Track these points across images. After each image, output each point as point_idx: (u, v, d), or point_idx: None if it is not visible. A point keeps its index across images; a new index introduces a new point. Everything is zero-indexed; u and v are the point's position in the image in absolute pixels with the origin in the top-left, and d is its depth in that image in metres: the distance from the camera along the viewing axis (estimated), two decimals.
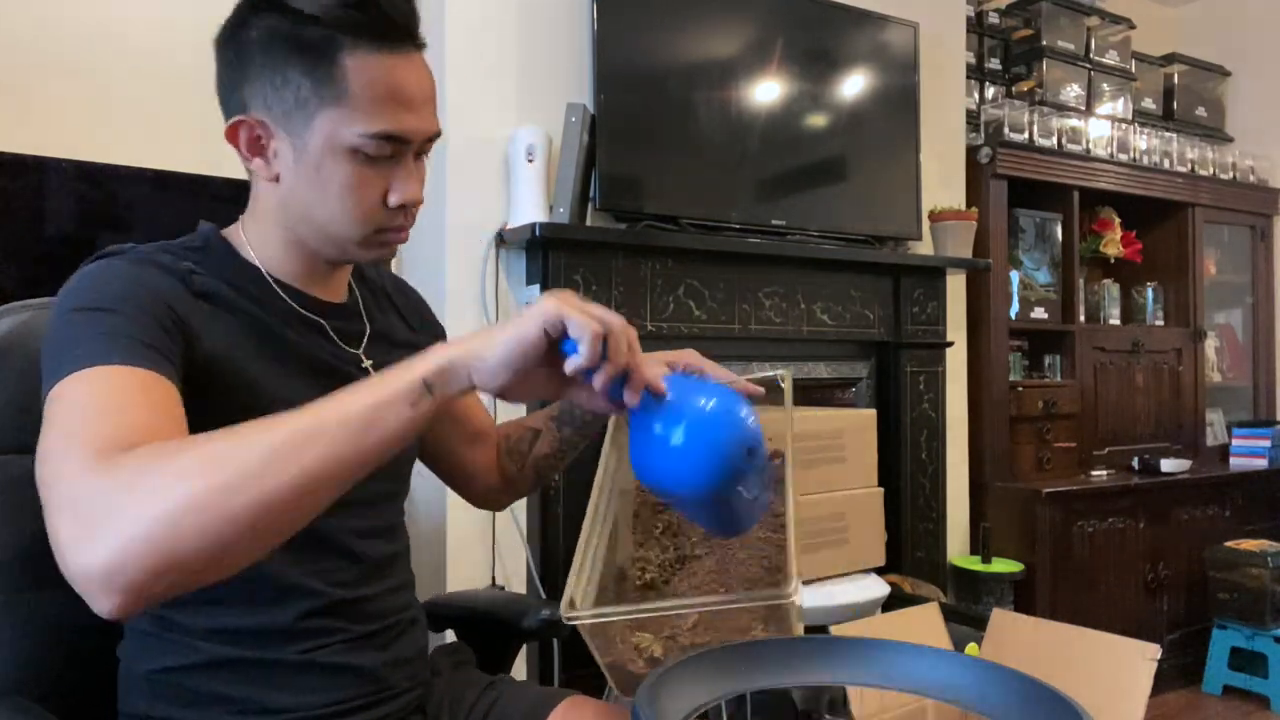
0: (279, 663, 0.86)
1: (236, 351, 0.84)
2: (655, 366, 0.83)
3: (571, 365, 0.71)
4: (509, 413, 2.08)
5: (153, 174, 1.82)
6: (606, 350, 0.71)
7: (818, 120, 2.44)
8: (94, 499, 0.62)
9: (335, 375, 0.88)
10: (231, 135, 0.86)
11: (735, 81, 2.28)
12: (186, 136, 1.99)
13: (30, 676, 0.92)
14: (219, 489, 0.61)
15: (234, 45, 0.85)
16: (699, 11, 2.23)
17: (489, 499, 1.19)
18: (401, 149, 0.85)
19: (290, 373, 0.88)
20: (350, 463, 0.66)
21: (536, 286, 2.02)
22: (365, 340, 0.97)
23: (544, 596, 1.99)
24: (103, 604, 0.61)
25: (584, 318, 0.70)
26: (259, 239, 0.90)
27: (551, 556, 1.99)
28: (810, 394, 2.52)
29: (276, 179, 0.86)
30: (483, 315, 2.01)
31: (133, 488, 0.61)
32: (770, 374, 1.00)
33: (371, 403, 0.67)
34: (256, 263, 0.90)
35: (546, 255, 2.00)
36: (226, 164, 1.98)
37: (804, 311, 2.42)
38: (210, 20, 0.89)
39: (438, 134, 0.89)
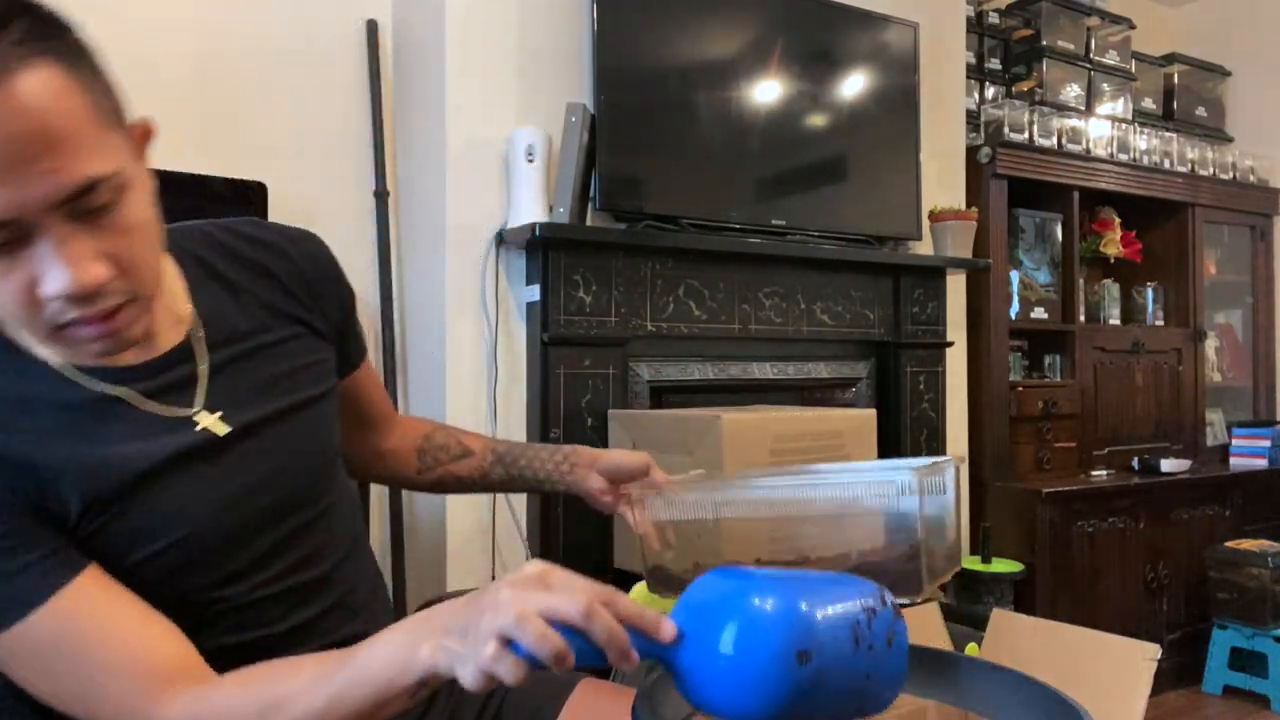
0: None
1: (61, 473, 0.71)
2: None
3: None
4: (495, 428, 2.08)
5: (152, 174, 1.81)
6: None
7: (818, 120, 2.44)
8: None
9: (149, 457, 0.75)
10: None
11: (735, 81, 2.28)
12: (186, 136, 2.00)
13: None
14: None
15: None
16: (699, 11, 2.23)
17: (366, 473, 1.13)
18: (14, 231, 0.63)
19: (113, 468, 0.73)
20: None
21: (536, 286, 2.02)
22: (205, 383, 0.81)
23: None
24: None
25: (540, 638, 0.58)
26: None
27: (551, 555, 1.99)
28: (810, 394, 2.52)
29: None
30: (483, 315, 2.01)
31: None
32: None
33: (376, 701, 0.66)
34: (39, 355, 0.74)
35: (546, 255, 2.00)
36: (227, 164, 1.99)
37: (804, 311, 2.42)
38: (210, 21, 0.89)
39: (83, 186, 0.64)
